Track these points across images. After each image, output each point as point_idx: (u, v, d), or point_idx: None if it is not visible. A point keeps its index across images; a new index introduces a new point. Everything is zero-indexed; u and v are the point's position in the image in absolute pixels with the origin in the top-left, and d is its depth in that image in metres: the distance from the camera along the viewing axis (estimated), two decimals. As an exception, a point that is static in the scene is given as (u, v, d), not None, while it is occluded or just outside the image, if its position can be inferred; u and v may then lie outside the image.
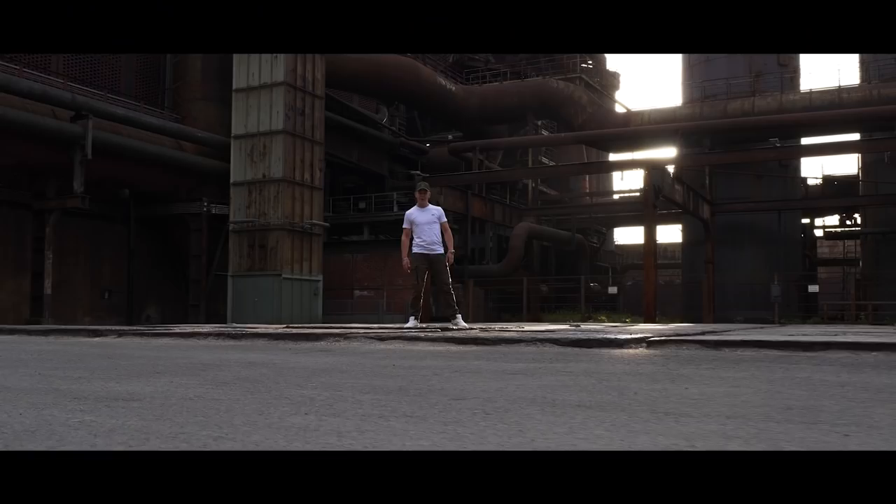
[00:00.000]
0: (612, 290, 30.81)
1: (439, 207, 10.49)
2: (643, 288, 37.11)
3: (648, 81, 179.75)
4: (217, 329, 7.35)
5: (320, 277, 28.45)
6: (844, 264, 44.44)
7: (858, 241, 44.88)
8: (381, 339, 6.03)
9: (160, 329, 8.72)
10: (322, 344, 5.86)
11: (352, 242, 32.41)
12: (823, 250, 49.21)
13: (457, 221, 34.34)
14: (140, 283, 29.19)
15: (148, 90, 30.91)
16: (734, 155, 31.60)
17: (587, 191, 50.01)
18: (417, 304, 10.10)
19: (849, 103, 32.91)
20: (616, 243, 58.18)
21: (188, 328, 8.35)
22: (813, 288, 30.18)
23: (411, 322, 9.83)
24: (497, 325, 11.94)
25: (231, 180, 27.90)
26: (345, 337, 6.05)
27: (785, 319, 27.87)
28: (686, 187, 31.33)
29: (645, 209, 26.83)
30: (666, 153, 35.93)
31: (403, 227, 10.30)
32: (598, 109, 38.11)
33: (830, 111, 31.55)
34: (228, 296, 27.42)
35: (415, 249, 10.07)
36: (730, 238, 34.83)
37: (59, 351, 5.21)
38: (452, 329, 9.18)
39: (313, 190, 28.46)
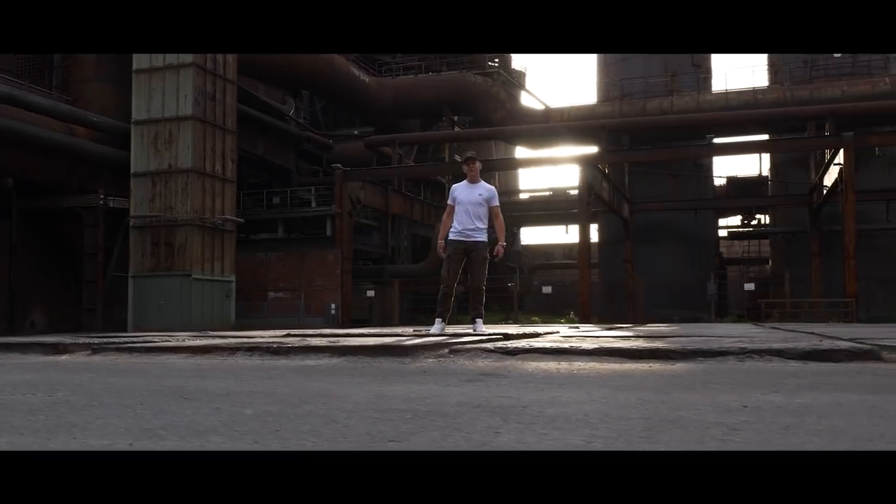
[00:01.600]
0: (547, 289, 29.83)
1: (492, 187, 8.42)
2: (569, 288, 36.61)
3: (554, 79, 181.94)
4: (245, 341, 5.48)
5: (233, 278, 26.08)
6: (749, 263, 45.53)
7: (759, 242, 46.24)
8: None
9: (153, 340, 6.70)
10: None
11: (265, 241, 30.06)
12: (721, 250, 50.38)
13: (377, 219, 32.69)
14: (23, 284, 25.92)
15: (32, 67, 27.63)
16: (665, 152, 31.39)
17: (499, 188, 49.10)
18: (446, 304, 8.26)
19: (763, 104, 33.37)
20: (521, 244, 57.74)
21: (201, 340, 6.40)
22: (748, 286, 30.18)
23: (437, 326, 8.07)
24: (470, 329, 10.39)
25: (132, 170, 25.13)
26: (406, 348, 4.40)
27: (721, 318, 27.67)
28: (612, 185, 30.88)
29: (580, 206, 26.03)
30: (582, 151, 35.50)
31: (448, 203, 8.43)
32: (516, 105, 37.28)
33: (759, 111, 31.97)
34: (129, 299, 24.67)
35: (451, 234, 8.21)
36: (647, 237, 34.73)
37: (56, 382, 3.26)
38: (471, 334, 7.63)
39: (225, 182, 26.08)
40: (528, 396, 2.40)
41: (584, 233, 25.80)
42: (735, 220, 45.16)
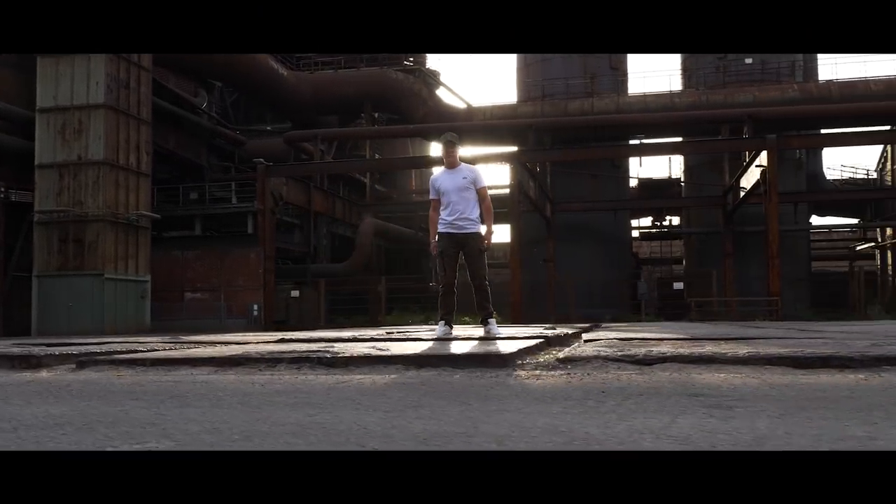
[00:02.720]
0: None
1: (475, 168, 7.60)
2: (503, 288, 36.43)
3: (472, 79, 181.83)
4: (271, 349, 4.75)
5: (148, 278, 24.60)
6: (661, 263, 46.62)
7: (669, 243, 47.44)
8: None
9: (139, 349, 5.83)
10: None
11: (180, 238, 28.49)
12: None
13: (299, 217, 31.62)
14: (-90, 285, 23.69)
15: (-79, 49, 25.27)
16: (596, 150, 31.68)
17: (413, 188, 48.62)
18: (448, 304, 7.42)
19: (680, 107, 34.12)
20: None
21: (207, 349, 5.60)
22: (678, 285, 30.70)
23: (441, 329, 7.38)
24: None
25: (36, 162, 23.36)
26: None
27: (650, 317, 28.04)
28: (537, 184, 30.90)
29: (510, 205, 25.79)
30: (504, 150, 35.46)
31: (430, 197, 7.56)
32: (438, 103, 36.86)
33: (684, 113, 32.67)
34: (33, 300, 22.90)
35: (440, 228, 7.37)
36: (568, 237, 34.94)
37: (94, 420, 2.46)
38: (485, 336, 7.03)
39: (140, 176, 24.59)
40: (778, 430, 1.87)
41: (517, 232, 25.62)
42: (646, 222, 46.24)
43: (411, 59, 51.99)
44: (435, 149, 44.05)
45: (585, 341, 5.29)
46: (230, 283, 26.79)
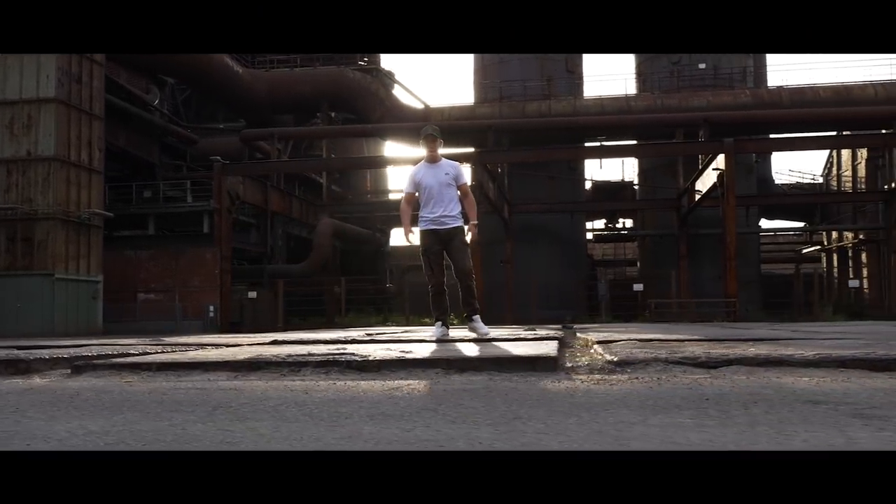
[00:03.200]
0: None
1: (456, 164, 7.33)
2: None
3: (428, 79, 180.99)
4: (288, 352, 4.51)
5: (100, 278, 23.85)
6: (615, 265, 47.11)
7: (623, 245, 48.03)
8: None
9: (131, 353, 5.52)
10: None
11: (133, 238, 27.71)
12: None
13: (256, 216, 31.05)
14: None
15: None
16: (554, 152, 31.78)
17: (368, 189, 48.27)
18: (441, 304, 7.14)
19: (636, 110, 34.51)
20: (390, 245, 57.07)
21: (213, 352, 5.32)
22: (637, 287, 30.95)
23: (437, 330, 7.14)
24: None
25: (-18, 157, 22.48)
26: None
27: (609, 318, 28.20)
28: (496, 185, 30.90)
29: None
30: (460, 151, 35.40)
31: (405, 190, 7.31)
32: (395, 103, 36.60)
33: (645, 116, 33.13)
34: (-21, 301, 22.01)
35: (421, 225, 7.11)
36: (525, 238, 35.03)
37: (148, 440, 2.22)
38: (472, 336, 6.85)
39: (92, 173, 23.84)
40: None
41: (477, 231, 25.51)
42: (599, 224, 46.68)
43: (366, 58, 51.71)
44: (391, 148, 43.86)
45: (599, 342, 5.17)
46: (185, 284, 26.14)
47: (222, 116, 42.95)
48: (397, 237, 56.70)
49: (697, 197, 29.77)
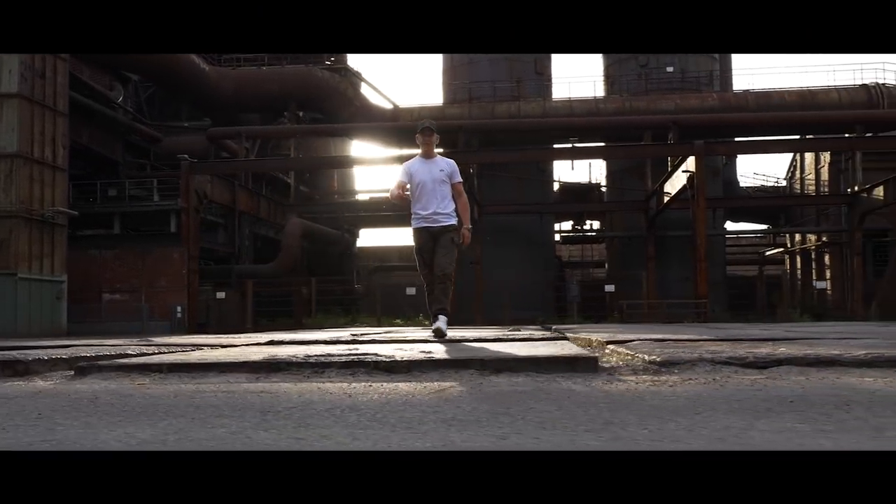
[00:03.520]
0: (411, 290, 28.94)
1: (452, 161, 7.22)
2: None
3: (396, 79, 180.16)
4: (305, 353, 4.34)
5: (65, 278, 23.25)
6: (583, 266, 47.34)
7: (589, 246, 48.29)
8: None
9: (129, 354, 5.29)
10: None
11: (97, 237, 27.05)
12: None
13: (223, 216, 30.56)
14: None
15: None
16: (527, 154, 31.88)
17: (335, 189, 47.87)
18: (440, 296, 7.02)
19: (605, 112, 34.73)
20: (357, 246, 56.68)
21: (215, 352, 5.14)
22: (609, 287, 31.07)
23: (441, 323, 6.97)
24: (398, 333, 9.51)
25: (-59, 153, 21.76)
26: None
27: (580, 318, 28.27)
28: (467, 186, 30.79)
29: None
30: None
31: (397, 179, 7.12)
32: (364, 103, 36.37)
33: (616, 118, 33.45)
34: (-63, 301, 21.30)
35: (414, 223, 7.09)
36: (495, 239, 35.01)
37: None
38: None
39: (56, 171, 23.24)
40: None
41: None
42: (566, 226, 46.87)
43: (333, 57, 51.31)
44: (358, 148, 43.56)
45: (609, 342, 5.07)
46: (152, 284, 25.60)
47: (186, 115, 42.23)
48: (365, 237, 56.43)
49: (666, 199, 29.99)
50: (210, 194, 27.06)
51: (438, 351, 4.41)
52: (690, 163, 25.13)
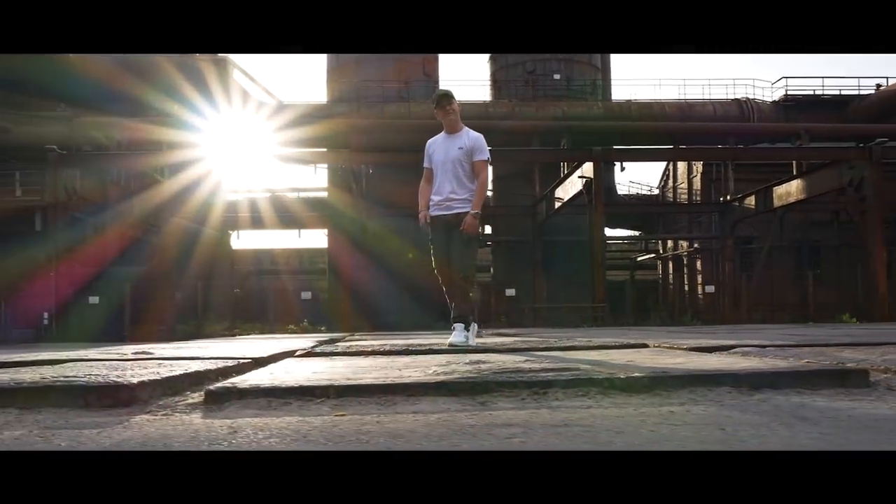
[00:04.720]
0: (306, 294, 27.43)
1: (478, 136, 6.19)
2: (291, 296, 34.68)
3: (273, 75, 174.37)
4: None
5: None
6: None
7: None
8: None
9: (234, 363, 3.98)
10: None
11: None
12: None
13: (94, 214, 28.03)
14: None
15: None
16: (419, 154, 30.96)
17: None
18: (458, 302, 6.24)
19: (495, 116, 34.64)
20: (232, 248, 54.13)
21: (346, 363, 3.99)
22: (510, 292, 30.81)
23: (456, 336, 6.01)
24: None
25: None
26: None
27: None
28: (358, 187, 29.92)
29: (354, 208, 24.54)
30: (314, 151, 34.13)
31: (424, 165, 6.28)
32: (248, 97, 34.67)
33: (510, 122, 33.36)
34: None
35: (431, 209, 6.22)
36: (380, 243, 34.14)
37: None
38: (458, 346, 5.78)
39: None
40: None
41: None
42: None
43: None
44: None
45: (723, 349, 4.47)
46: (11, 289, 23.02)
47: (35, 104, 38.76)
48: (245, 239, 54.22)
49: (558, 204, 30.17)
50: (80, 190, 24.76)
51: (581, 360, 3.56)
52: (587, 168, 25.32)
